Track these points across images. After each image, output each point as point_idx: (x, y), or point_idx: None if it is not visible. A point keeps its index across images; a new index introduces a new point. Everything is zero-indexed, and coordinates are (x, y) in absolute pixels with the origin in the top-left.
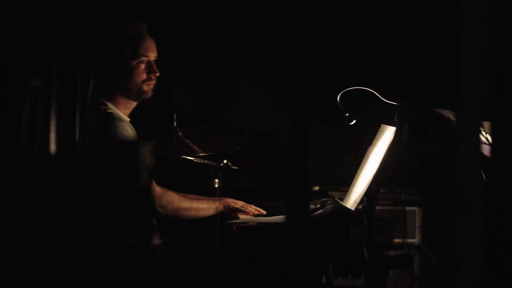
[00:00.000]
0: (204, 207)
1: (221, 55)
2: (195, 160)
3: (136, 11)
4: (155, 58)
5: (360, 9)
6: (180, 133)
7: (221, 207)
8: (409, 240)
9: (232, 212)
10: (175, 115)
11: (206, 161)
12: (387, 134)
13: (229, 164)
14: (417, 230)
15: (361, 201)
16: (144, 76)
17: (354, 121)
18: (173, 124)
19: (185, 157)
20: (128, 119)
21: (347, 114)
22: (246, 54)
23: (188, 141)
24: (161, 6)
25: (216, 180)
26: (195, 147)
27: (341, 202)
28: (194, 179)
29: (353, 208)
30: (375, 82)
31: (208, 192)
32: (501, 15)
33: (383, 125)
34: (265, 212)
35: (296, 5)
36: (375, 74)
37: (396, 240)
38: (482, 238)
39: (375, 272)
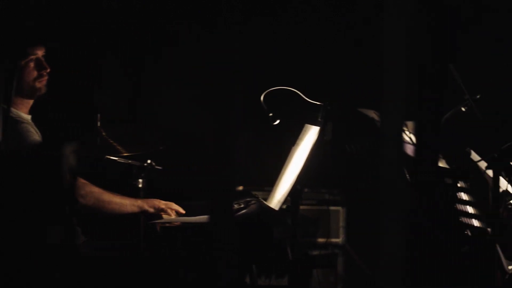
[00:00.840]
0: (127, 203)
1: (146, 56)
2: (119, 160)
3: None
4: (43, 54)
5: (286, 9)
6: (104, 133)
7: (144, 206)
8: (333, 240)
9: (158, 212)
10: (98, 115)
11: (130, 161)
12: (311, 134)
13: (153, 164)
14: (340, 229)
15: (285, 201)
16: (35, 73)
17: (277, 121)
18: (97, 124)
19: (109, 157)
20: (29, 116)
21: (270, 114)
22: (171, 55)
23: (111, 141)
24: (89, 8)
25: (140, 180)
26: (119, 147)
27: (265, 202)
28: (118, 179)
29: (277, 208)
30: (299, 82)
31: (132, 192)
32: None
33: (306, 125)
34: (184, 212)
35: (222, 6)
36: (299, 74)
37: (320, 240)
38: (406, 238)
39: (299, 272)
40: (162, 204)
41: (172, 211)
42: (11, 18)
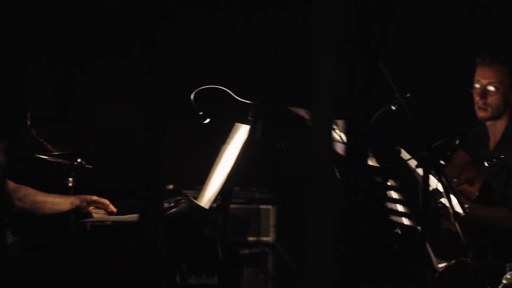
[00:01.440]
0: (61, 201)
1: (77, 55)
2: (49, 159)
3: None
4: None
5: (215, 8)
6: (34, 132)
7: (77, 201)
8: (263, 239)
9: (89, 206)
10: (28, 114)
11: (60, 160)
12: (241, 133)
13: (83, 163)
14: (271, 228)
15: (215, 200)
16: None
17: (207, 120)
18: (27, 122)
19: (39, 156)
20: None
21: (201, 113)
22: (102, 53)
23: (42, 140)
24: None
25: (70, 179)
26: (49, 146)
27: (195, 200)
28: (48, 178)
29: (207, 207)
30: (229, 81)
31: (62, 191)
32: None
33: (237, 124)
34: (115, 210)
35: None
36: (229, 72)
37: (250, 239)
38: (335, 236)
39: (229, 271)
40: (94, 197)
41: (103, 205)
42: None
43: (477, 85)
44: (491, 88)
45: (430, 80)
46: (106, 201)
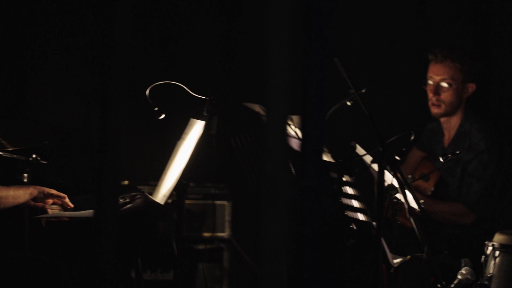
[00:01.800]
0: (20, 193)
1: (29, 49)
2: (3, 155)
3: None
4: None
5: (171, 2)
6: None
7: (35, 191)
8: (219, 234)
9: (46, 198)
10: None
11: (14, 156)
12: (196, 128)
13: (38, 158)
14: (226, 224)
15: (171, 195)
16: None
17: (163, 115)
18: None
19: None
20: None
21: (156, 108)
22: (53, 49)
23: None
24: None
25: (25, 175)
26: (3, 142)
27: (150, 196)
28: (2, 173)
29: (162, 202)
30: (185, 77)
31: None
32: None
33: (192, 119)
34: (72, 205)
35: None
36: (185, 68)
37: (206, 234)
38: (290, 232)
39: (185, 266)
40: (52, 190)
41: (59, 199)
42: None
43: (430, 82)
44: (444, 84)
45: (385, 76)
46: (63, 195)
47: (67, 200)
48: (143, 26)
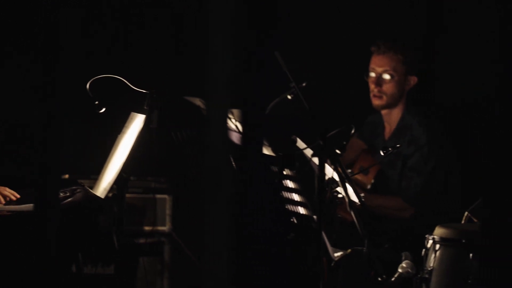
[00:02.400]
0: None
1: None
2: None
3: None
4: None
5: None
6: None
7: None
8: (159, 228)
9: None
10: None
11: None
12: (137, 122)
13: None
14: (167, 218)
15: (111, 189)
16: None
17: (103, 109)
18: None
19: None
20: None
21: (96, 102)
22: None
23: None
24: None
25: None
26: None
27: (90, 190)
28: None
29: (103, 196)
30: (125, 70)
31: None
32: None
33: (132, 113)
34: (18, 196)
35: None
36: (125, 61)
37: (147, 228)
38: (232, 225)
39: (125, 260)
40: (6, 188)
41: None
42: None
43: (372, 74)
44: (386, 76)
45: (326, 68)
46: (7, 193)
47: (15, 194)
48: (85, 21)
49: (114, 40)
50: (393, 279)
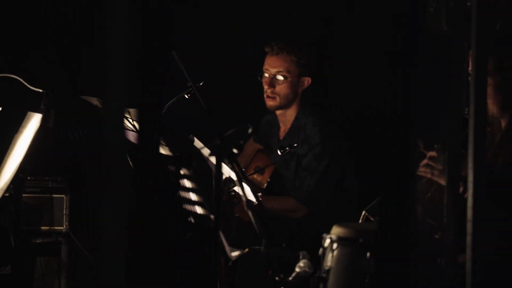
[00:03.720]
0: None
1: None
2: None
3: None
4: None
5: None
6: None
7: None
8: (57, 228)
9: None
10: None
11: None
12: (34, 121)
13: None
14: (64, 217)
15: (8, 189)
16: None
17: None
18: None
19: None
20: None
21: None
22: None
23: None
24: None
25: None
26: None
27: None
28: None
29: None
30: (21, 69)
31: None
32: None
33: (29, 113)
34: None
35: None
36: (22, 60)
37: (44, 228)
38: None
39: (22, 260)
40: None
41: None
42: None
43: (266, 74)
44: (280, 77)
45: (223, 68)
46: None
47: None
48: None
49: (9, 38)
50: (290, 278)
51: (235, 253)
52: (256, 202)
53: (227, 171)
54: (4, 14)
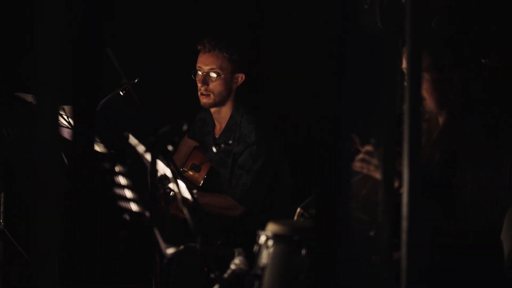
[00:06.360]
0: None
1: None
2: None
3: None
4: None
5: None
6: None
7: None
8: None
9: None
10: None
11: None
12: None
13: None
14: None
15: None
16: None
17: None
18: None
19: None
20: None
21: None
22: None
23: None
24: None
25: None
26: None
27: None
28: None
29: None
30: None
31: None
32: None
33: None
34: None
35: None
36: None
37: None
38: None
39: None
40: None
41: None
42: None
43: (199, 72)
44: (213, 74)
45: (158, 65)
46: None
47: None
48: None
49: None
50: (225, 275)
51: (170, 250)
52: (192, 199)
53: (162, 168)
54: None
